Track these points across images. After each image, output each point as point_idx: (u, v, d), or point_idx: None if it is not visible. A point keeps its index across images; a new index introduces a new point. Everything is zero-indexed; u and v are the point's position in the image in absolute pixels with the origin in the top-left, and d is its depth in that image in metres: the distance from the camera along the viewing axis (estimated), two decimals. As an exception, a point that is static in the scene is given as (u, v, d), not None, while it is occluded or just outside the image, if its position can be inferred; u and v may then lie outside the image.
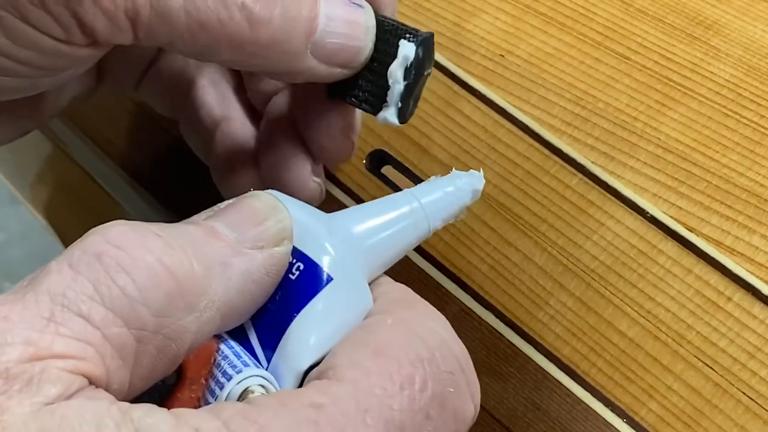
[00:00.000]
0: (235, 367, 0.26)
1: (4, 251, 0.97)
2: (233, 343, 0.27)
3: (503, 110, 0.40)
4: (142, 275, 0.24)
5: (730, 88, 0.39)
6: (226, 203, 0.27)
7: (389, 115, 0.33)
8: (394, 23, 0.33)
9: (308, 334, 0.26)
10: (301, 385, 0.26)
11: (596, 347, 0.35)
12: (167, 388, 0.26)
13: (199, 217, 0.27)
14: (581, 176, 0.38)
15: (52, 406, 0.22)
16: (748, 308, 0.35)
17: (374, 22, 0.33)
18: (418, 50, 0.32)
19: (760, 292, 0.35)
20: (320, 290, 0.27)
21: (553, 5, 0.43)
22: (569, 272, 0.37)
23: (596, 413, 0.35)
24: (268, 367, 0.26)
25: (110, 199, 0.50)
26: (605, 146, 0.39)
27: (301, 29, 0.31)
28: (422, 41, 0.33)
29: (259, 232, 0.27)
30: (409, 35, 0.33)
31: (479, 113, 0.40)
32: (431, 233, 0.30)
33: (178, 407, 0.24)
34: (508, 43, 0.42)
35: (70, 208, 0.59)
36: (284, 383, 0.26)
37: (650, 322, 0.35)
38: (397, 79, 0.33)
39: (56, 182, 0.59)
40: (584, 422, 0.34)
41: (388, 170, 0.41)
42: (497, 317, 0.37)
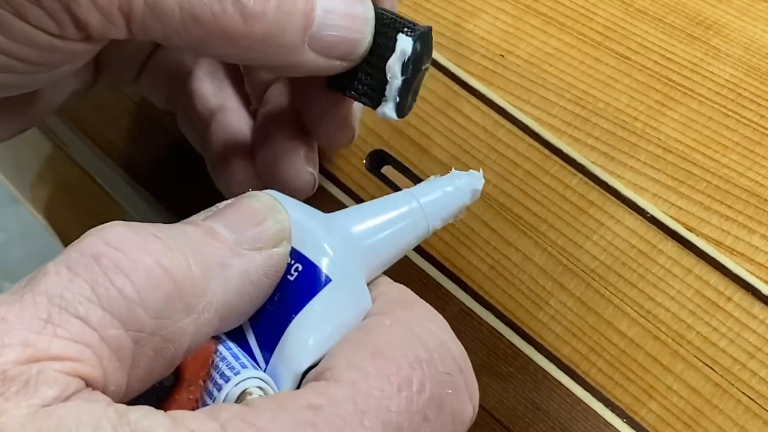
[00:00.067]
0: (233, 368, 0.25)
1: (4, 251, 0.97)
2: (231, 344, 0.27)
3: (503, 110, 0.40)
4: (140, 277, 0.23)
5: (730, 88, 0.39)
6: (224, 203, 0.27)
7: (388, 109, 0.33)
8: (392, 16, 0.33)
9: (307, 335, 0.26)
10: (299, 386, 0.26)
11: (596, 347, 0.35)
12: (165, 389, 0.26)
13: (197, 217, 0.27)
14: (581, 176, 0.38)
15: (49, 408, 0.22)
16: (748, 308, 0.35)
17: (373, 14, 0.33)
18: (415, 45, 0.32)
19: (760, 292, 0.35)
20: (319, 291, 0.27)
21: (553, 5, 0.42)
22: (569, 272, 0.37)
23: (596, 413, 0.35)
24: (266, 368, 0.26)
25: (110, 199, 0.50)
26: (605, 146, 0.39)
27: (296, 23, 0.31)
28: (420, 36, 0.32)
29: (257, 232, 0.26)
30: (406, 29, 0.32)
31: (479, 113, 0.40)
32: (430, 233, 0.30)
33: (175, 409, 0.24)
34: (508, 43, 0.42)
35: (70, 208, 0.59)
36: (282, 384, 0.26)
37: (650, 322, 0.35)
38: (394, 73, 0.33)
39: (56, 182, 0.59)
40: (584, 422, 0.34)
41: (388, 170, 0.41)
42: (497, 317, 0.37)
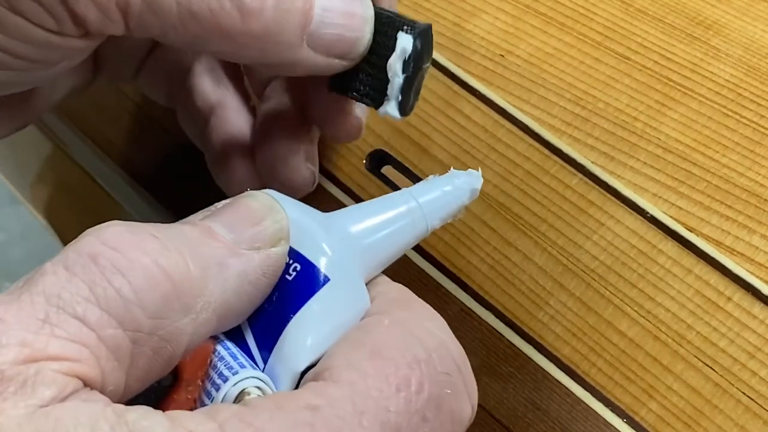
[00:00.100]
0: (231, 368, 0.25)
1: (4, 251, 0.97)
2: (230, 344, 0.27)
3: (503, 110, 0.40)
4: (137, 277, 0.23)
5: (730, 88, 0.39)
6: (222, 203, 0.27)
7: (390, 108, 0.33)
8: (391, 15, 0.33)
9: (305, 335, 0.26)
10: (297, 386, 0.26)
11: (596, 347, 0.35)
12: (163, 389, 0.25)
13: (195, 217, 0.27)
14: (581, 176, 0.38)
15: (46, 408, 0.22)
16: (748, 308, 0.35)
17: (372, 12, 0.33)
18: (416, 42, 0.32)
19: (760, 292, 0.35)
20: (317, 291, 0.27)
21: (553, 5, 0.42)
22: (569, 272, 0.37)
23: (596, 413, 0.35)
24: (264, 368, 0.26)
25: (110, 199, 0.50)
26: (605, 146, 0.39)
27: (294, 21, 0.31)
28: (420, 33, 0.32)
29: (256, 232, 0.26)
30: (406, 27, 0.32)
31: (479, 113, 0.40)
32: (429, 233, 0.30)
33: (174, 409, 0.24)
34: (508, 43, 0.42)
35: (70, 208, 0.59)
36: (281, 384, 0.26)
37: (650, 322, 0.35)
38: (396, 72, 0.32)
39: (56, 182, 0.59)
40: (584, 422, 0.34)
41: (388, 170, 0.41)
42: (497, 317, 0.37)
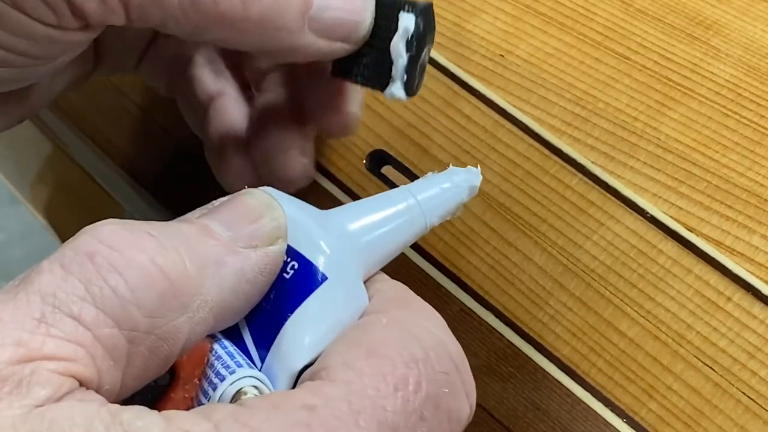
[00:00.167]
0: (228, 367, 0.25)
1: (4, 251, 0.97)
2: (227, 342, 0.26)
3: (503, 110, 0.40)
4: (134, 275, 0.23)
5: (730, 88, 0.39)
6: (220, 201, 0.27)
7: (396, 89, 0.33)
8: None
9: (303, 333, 0.26)
10: (295, 385, 0.26)
11: (596, 347, 0.35)
12: (160, 388, 0.25)
13: (192, 215, 0.27)
14: (581, 176, 0.38)
15: (41, 408, 0.21)
16: (748, 308, 0.35)
17: None
18: (418, 20, 0.32)
19: (760, 292, 0.35)
20: (315, 290, 0.27)
21: (553, 5, 0.42)
22: (569, 272, 0.37)
23: (596, 413, 0.35)
24: (262, 366, 0.26)
25: (110, 199, 0.50)
26: (605, 146, 0.39)
27: (295, 5, 0.31)
28: (422, 11, 0.32)
29: (253, 230, 0.26)
30: (408, 6, 0.32)
31: (479, 113, 0.40)
32: (428, 230, 0.30)
33: (171, 408, 0.24)
34: (508, 43, 0.42)
35: (70, 208, 0.59)
36: (278, 383, 0.26)
37: (650, 322, 0.35)
38: (399, 52, 0.32)
39: (56, 182, 0.59)
40: (584, 422, 0.34)
41: (388, 170, 0.41)
42: (497, 317, 0.37)
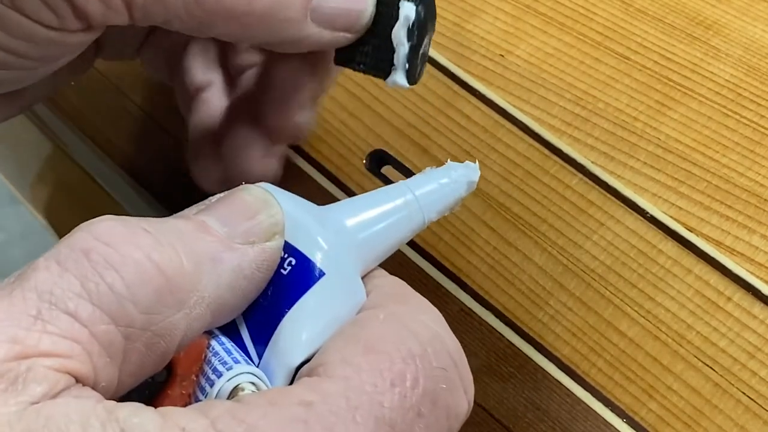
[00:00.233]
0: (225, 363, 0.25)
1: (4, 251, 0.97)
2: (224, 339, 0.26)
3: (503, 110, 0.40)
4: (130, 272, 0.23)
5: (730, 88, 0.39)
6: (217, 197, 0.27)
7: (398, 78, 0.33)
8: None
9: (300, 329, 0.26)
10: (292, 380, 0.26)
11: (596, 347, 0.35)
12: (157, 385, 0.25)
13: (189, 211, 0.27)
14: (581, 176, 0.38)
15: (37, 405, 0.21)
16: (748, 308, 0.35)
17: None
18: (418, 9, 0.32)
19: (760, 292, 0.35)
20: (312, 285, 0.27)
21: (553, 5, 0.43)
22: (569, 272, 0.37)
23: (596, 413, 0.35)
24: (259, 363, 0.26)
25: (110, 199, 0.50)
26: (605, 146, 0.39)
27: None
28: (422, 0, 0.33)
29: (250, 226, 0.26)
30: None
31: (479, 113, 0.40)
32: (426, 225, 0.30)
33: (168, 404, 0.24)
34: (508, 43, 0.42)
35: (70, 208, 0.59)
36: (276, 379, 0.26)
37: (650, 322, 0.35)
38: (401, 41, 0.33)
39: (56, 182, 0.59)
40: (584, 422, 0.34)
41: (388, 170, 0.41)
42: (497, 317, 0.37)
